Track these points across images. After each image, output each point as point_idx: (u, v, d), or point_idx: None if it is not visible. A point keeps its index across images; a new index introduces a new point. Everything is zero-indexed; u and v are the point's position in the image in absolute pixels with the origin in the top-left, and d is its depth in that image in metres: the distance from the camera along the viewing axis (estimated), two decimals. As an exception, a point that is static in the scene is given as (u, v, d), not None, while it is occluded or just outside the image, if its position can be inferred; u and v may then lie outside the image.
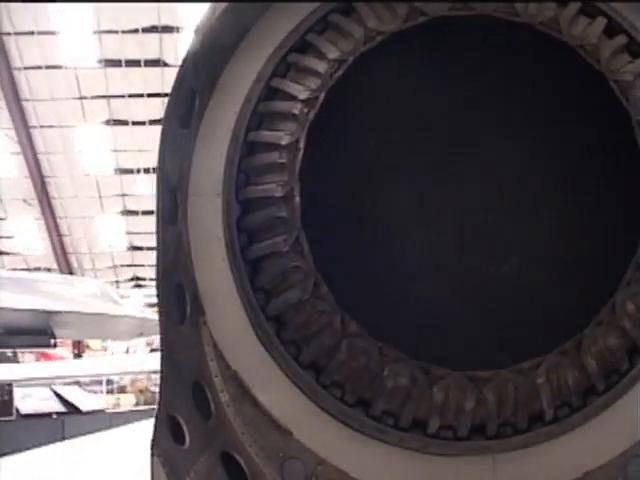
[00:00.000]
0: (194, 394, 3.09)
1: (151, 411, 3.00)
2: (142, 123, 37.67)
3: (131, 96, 37.79)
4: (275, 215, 3.05)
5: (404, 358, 3.11)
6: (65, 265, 45.22)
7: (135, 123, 38.33)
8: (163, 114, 3.01)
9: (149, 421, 2.97)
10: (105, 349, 43.78)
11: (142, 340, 34.52)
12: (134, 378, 29.47)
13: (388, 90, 3.46)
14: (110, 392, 29.16)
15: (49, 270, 43.62)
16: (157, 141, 2.94)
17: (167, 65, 35.54)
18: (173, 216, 3.07)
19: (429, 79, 3.48)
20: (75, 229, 44.67)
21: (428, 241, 3.55)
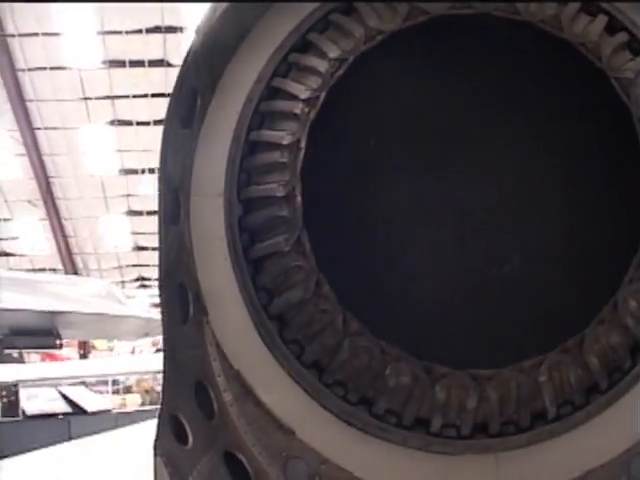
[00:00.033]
0: (197, 394, 3.08)
1: (157, 411, 3.00)
2: (146, 123, 37.72)
3: (135, 96, 37.85)
4: (277, 215, 3.05)
5: (406, 357, 3.11)
6: (70, 266, 45.33)
7: (139, 123, 38.39)
8: (165, 114, 3.02)
9: (155, 421, 2.97)
10: (111, 349, 43.91)
11: (148, 340, 34.62)
12: (140, 378, 29.55)
13: (389, 89, 3.45)
14: (116, 392, 29.25)
15: (54, 271, 43.76)
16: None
17: (171, 65, 35.55)
18: (175, 216, 3.07)
19: (430, 78, 3.47)
20: (80, 230, 44.78)
21: (430, 240, 3.54)
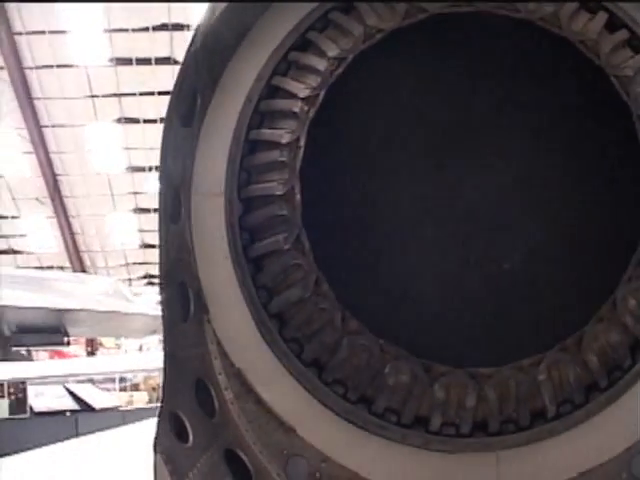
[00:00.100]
0: (198, 392, 3.09)
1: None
2: (153, 121, 37.69)
3: (142, 94, 37.86)
4: (276, 213, 3.05)
5: (405, 355, 3.12)
6: (78, 263, 45.45)
7: (146, 121, 38.38)
8: (165, 113, 3.02)
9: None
10: (118, 347, 43.97)
11: (155, 338, 34.63)
12: (147, 376, 29.57)
13: (388, 88, 3.45)
14: (123, 390, 29.31)
15: (62, 268, 43.87)
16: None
17: (178, 63, 34.87)
18: (176, 215, 3.07)
19: (429, 76, 3.47)
20: (87, 227, 44.87)
21: (429, 238, 3.54)
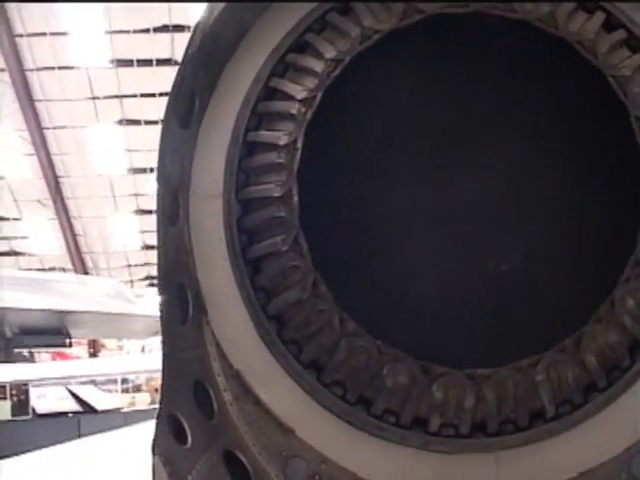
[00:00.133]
0: (196, 393, 3.09)
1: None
2: (154, 122, 37.67)
3: (143, 96, 37.89)
4: (274, 215, 3.05)
5: (403, 357, 3.11)
6: (80, 265, 45.50)
7: (147, 122, 38.39)
8: (163, 115, 3.02)
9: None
10: (121, 348, 44.02)
11: (157, 339, 34.63)
12: (149, 377, 29.56)
13: (385, 89, 3.45)
14: (125, 391, 29.28)
15: (64, 270, 43.91)
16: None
17: (179, 64, 35.42)
18: (174, 216, 3.07)
19: (426, 77, 3.46)
20: (89, 229, 44.92)
21: (426, 239, 3.54)
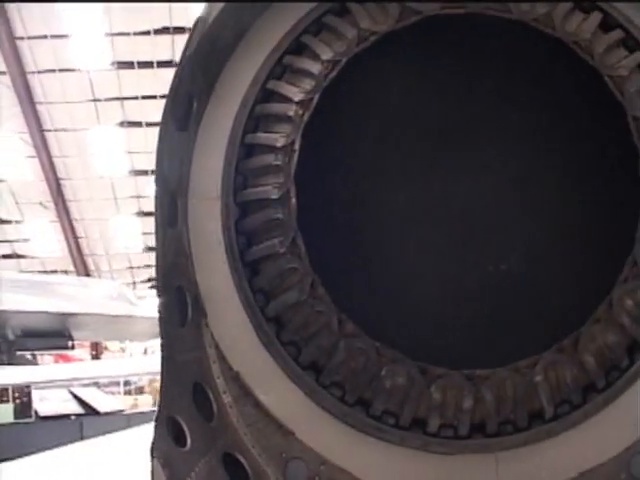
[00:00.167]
0: (195, 396, 3.09)
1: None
2: (156, 124, 37.35)
3: (144, 97, 37.88)
4: (271, 217, 3.05)
5: (401, 358, 3.11)
6: (82, 267, 45.51)
7: (149, 124, 38.37)
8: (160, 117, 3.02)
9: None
10: (123, 350, 44.05)
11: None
12: (152, 379, 29.55)
13: (382, 91, 3.45)
14: (128, 393, 29.28)
15: (66, 272, 43.94)
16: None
17: (179, 66, 35.50)
18: (172, 219, 3.07)
19: (423, 78, 3.47)
20: (91, 231, 44.95)
21: (424, 240, 3.54)
